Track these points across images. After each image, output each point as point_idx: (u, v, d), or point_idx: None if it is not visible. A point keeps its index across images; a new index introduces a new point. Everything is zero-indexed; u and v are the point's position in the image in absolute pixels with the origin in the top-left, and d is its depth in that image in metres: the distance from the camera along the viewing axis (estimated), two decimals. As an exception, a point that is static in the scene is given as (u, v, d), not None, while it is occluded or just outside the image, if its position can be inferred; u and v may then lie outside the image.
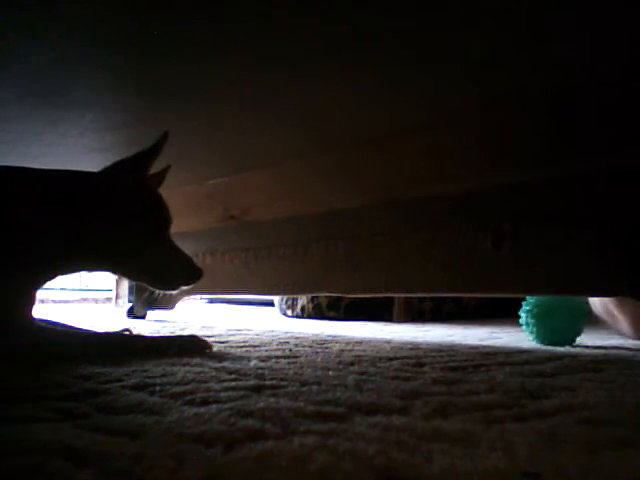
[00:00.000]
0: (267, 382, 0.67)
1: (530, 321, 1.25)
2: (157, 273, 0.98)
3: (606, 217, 0.91)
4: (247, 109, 1.03)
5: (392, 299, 2.12)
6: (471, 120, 1.04)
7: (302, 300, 2.32)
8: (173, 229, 1.01)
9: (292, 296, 2.33)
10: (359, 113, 1.05)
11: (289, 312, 2.38)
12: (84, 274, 3.97)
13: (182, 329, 1.46)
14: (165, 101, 1.01)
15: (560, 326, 1.23)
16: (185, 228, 1.65)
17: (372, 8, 0.68)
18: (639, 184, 0.87)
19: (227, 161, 1.41)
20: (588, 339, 1.34)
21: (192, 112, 1.06)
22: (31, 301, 0.92)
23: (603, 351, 1.11)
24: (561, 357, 0.97)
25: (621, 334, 1.40)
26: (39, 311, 0.96)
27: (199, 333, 1.14)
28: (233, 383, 0.67)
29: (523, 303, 1.27)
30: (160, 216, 0.99)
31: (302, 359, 0.90)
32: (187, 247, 1.02)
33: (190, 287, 1.02)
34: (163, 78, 0.91)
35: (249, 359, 0.87)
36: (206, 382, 0.67)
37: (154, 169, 1.00)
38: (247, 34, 0.75)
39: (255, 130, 1.15)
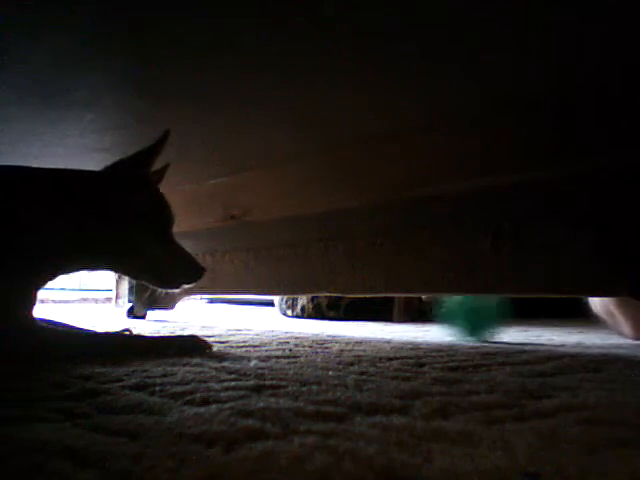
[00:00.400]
0: (267, 382, 0.67)
1: (451, 317, 1.33)
2: (159, 271, 0.98)
3: (606, 217, 0.91)
4: (247, 109, 1.03)
5: (392, 299, 2.12)
6: (471, 120, 1.04)
7: (302, 300, 2.32)
8: (174, 229, 1.01)
9: (292, 296, 2.33)
10: (359, 113, 1.05)
11: (289, 312, 2.38)
12: (84, 274, 3.97)
13: (182, 329, 1.46)
14: (165, 101, 1.01)
15: (477, 323, 1.31)
16: (185, 228, 1.64)
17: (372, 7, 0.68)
18: (639, 184, 0.87)
19: (227, 161, 1.41)
20: (588, 339, 1.34)
21: (192, 112, 1.06)
22: (32, 301, 0.92)
23: (603, 351, 1.11)
24: (561, 357, 0.97)
25: (621, 335, 1.40)
26: (40, 311, 0.96)
27: (199, 333, 1.14)
28: (233, 383, 0.67)
29: (444, 303, 1.35)
30: (162, 214, 0.99)
31: (302, 359, 0.90)
32: (187, 247, 1.02)
33: (192, 286, 1.02)
34: (163, 78, 0.91)
35: (249, 359, 0.88)
36: (206, 382, 0.67)
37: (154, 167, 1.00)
38: (247, 33, 0.75)
39: (255, 130, 1.15)
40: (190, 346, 0.97)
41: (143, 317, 1.93)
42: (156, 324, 1.66)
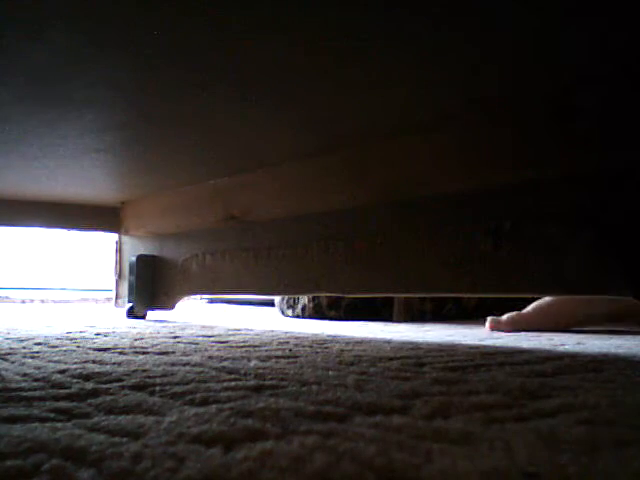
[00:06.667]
0: (267, 382, 0.67)
1: None
2: None
3: (606, 217, 0.90)
4: (248, 109, 1.03)
5: (392, 299, 2.12)
6: (471, 120, 1.04)
7: (303, 300, 2.32)
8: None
9: (292, 296, 2.33)
10: (359, 114, 1.05)
11: (289, 312, 2.38)
12: (84, 274, 3.97)
13: (182, 329, 1.46)
14: (166, 101, 1.01)
15: None
16: (185, 228, 1.65)
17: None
18: (639, 184, 0.87)
19: (227, 161, 1.41)
20: (588, 339, 1.34)
21: (192, 112, 1.06)
22: None
23: (603, 351, 1.11)
24: (561, 357, 0.97)
25: None
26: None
27: (199, 333, 1.14)
28: (233, 383, 0.67)
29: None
30: None
31: (302, 359, 0.90)
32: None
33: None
34: (164, 77, 0.91)
35: (249, 359, 0.88)
36: (206, 382, 0.67)
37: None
38: (246, 32, 0.75)
39: (256, 130, 1.15)
40: None
41: (143, 317, 1.92)
42: (156, 324, 1.66)
